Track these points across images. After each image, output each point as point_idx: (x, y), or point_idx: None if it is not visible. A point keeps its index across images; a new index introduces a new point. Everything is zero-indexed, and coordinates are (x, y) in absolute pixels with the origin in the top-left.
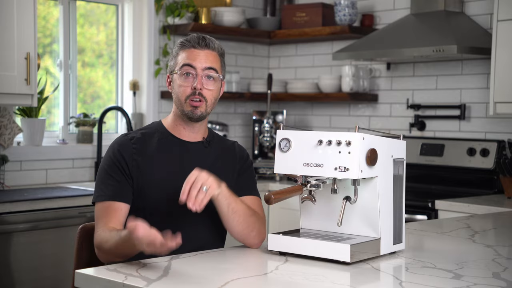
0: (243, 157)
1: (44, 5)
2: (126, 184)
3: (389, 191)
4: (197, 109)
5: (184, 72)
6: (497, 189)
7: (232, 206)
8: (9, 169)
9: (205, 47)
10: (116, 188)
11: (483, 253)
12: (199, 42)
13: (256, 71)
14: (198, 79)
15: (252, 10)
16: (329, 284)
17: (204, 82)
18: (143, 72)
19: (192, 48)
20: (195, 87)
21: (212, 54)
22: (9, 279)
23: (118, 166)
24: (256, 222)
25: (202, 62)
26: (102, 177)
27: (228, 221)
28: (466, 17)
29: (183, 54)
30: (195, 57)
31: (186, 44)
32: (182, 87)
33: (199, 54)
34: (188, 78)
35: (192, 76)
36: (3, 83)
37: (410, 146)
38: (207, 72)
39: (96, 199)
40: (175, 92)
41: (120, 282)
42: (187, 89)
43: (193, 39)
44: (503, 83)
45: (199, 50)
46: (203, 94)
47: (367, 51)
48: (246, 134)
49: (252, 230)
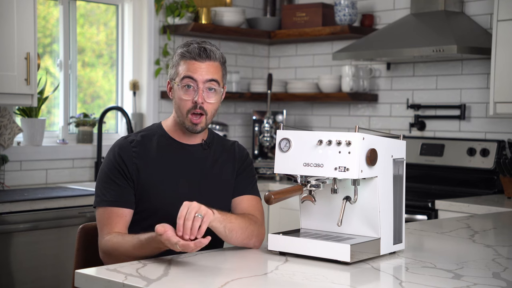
0: (242, 157)
1: (44, 5)
2: (128, 188)
3: (389, 191)
4: (198, 125)
5: (185, 84)
6: (497, 189)
7: (228, 227)
8: (9, 169)
9: (206, 59)
10: (118, 193)
11: (483, 253)
12: (200, 54)
13: (256, 71)
14: (199, 93)
15: (252, 10)
16: (329, 284)
17: (205, 95)
18: (143, 72)
19: (193, 60)
20: (196, 101)
21: (213, 65)
22: (9, 279)
23: (119, 170)
24: (254, 230)
25: (203, 74)
26: (103, 181)
27: (226, 239)
28: (466, 17)
29: (183, 65)
30: (196, 70)
31: (187, 55)
32: (183, 100)
33: (200, 67)
34: (189, 91)
35: (193, 89)
36: (3, 83)
37: (410, 146)
38: (208, 85)
39: (99, 204)
40: (176, 102)
41: (120, 282)
42: (188, 103)
43: (193, 51)
44: (503, 83)
45: (200, 62)
46: (204, 107)
47: (367, 51)
48: (246, 134)
49: (251, 238)
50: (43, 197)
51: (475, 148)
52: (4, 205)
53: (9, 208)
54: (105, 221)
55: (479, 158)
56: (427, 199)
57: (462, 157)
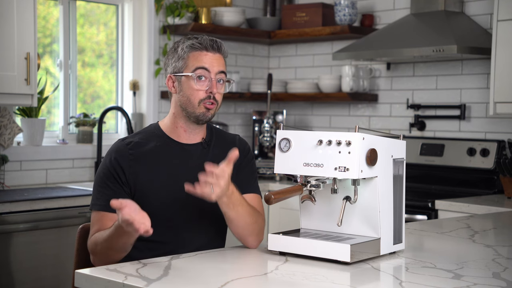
0: (244, 152)
1: (44, 5)
2: (122, 193)
3: (389, 191)
4: (209, 111)
5: (198, 75)
6: (497, 189)
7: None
8: (9, 169)
9: (217, 50)
10: (110, 198)
11: (483, 253)
12: (212, 46)
13: (256, 71)
14: (213, 83)
15: (252, 10)
16: (329, 284)
17: (217, 86)
18: (143, 72)
19: (205, 51)
20: (211, 91)
21: (222, 57)
22: (9, 279)
23: (114, 175)
24: (256, 228)
25: (215, 66)
26: (98, 185)
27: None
28: (466, 17)
29: (195, 56)
30: (209, 61)
31: (198, 46)
32: (195, 91)
33: (213, 58)
34: (202, 82)
35: (206, 79)
36: (3, 83)
37: (410, 146)
38: (220, 76)
39: (92, 207)
40: (185, 94)
41: (120, 282)
42: (201, 93)
43: (205, 42)
44: (503, 83)
45: (212, 53)
46: (216, 98)
47: (367, 51)
48: (246, 134)
49: (251, 234)
50: (43, 197)
51: (475, 148)
52: (4, 205)
53: (9, 208)
54: (95, 223)
55: (479, 158)
56: (427, 199)
57: (462, 157)
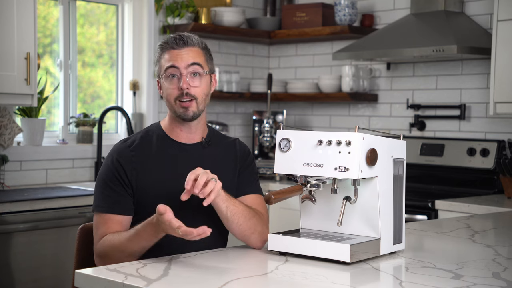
0: (244, 155)
1: (44, 5)
2: (126, 195)
3: (389, 191)
4: (188, 110)
5: (169, 74)
6: (497, 189)
7: (231, 209)
8: (9, 169)
9: (183, 45)
10: (114, 200)
11: (483, 253)
12: (177, 42)
13: (256, 71)
14: (183, 79)
15: (252, 10)
16: (329, 284)
17: (190, 80)
18: (143, 72)
19: (172, 49)
20: (181, 87)
21: (192, 50)
22: (9, 279)
23: (117, 177)
24: (257, 224)
25: (184, 60)
26: (101, 187)
27: (228, 223)
28: (466, 17)
29: (164, 56)
30: (176, 57)
31: (165, 46)
32: (169, 89)
33: (179, 53)
34: (174, 80)
35: (177, 77)
36: (3, 83)
37: (410, 146)
38: (191, 69)
39: (95, 209)
40: (165, 96)
41: (120, 282)
42: (174, 91)
43: (170, 40)
44: (503, 83)
45: (178, 49)
46: (191, 93)
47: (367, 51)
48: (246, 134)
49: (253, 232)
50: (43, 197)
51: (475, 148)
52: (4, 205)
53: (9, 208)
54: (101, 226)
55: (479, 158)
56: (427, 199)
57: (462, 157)
